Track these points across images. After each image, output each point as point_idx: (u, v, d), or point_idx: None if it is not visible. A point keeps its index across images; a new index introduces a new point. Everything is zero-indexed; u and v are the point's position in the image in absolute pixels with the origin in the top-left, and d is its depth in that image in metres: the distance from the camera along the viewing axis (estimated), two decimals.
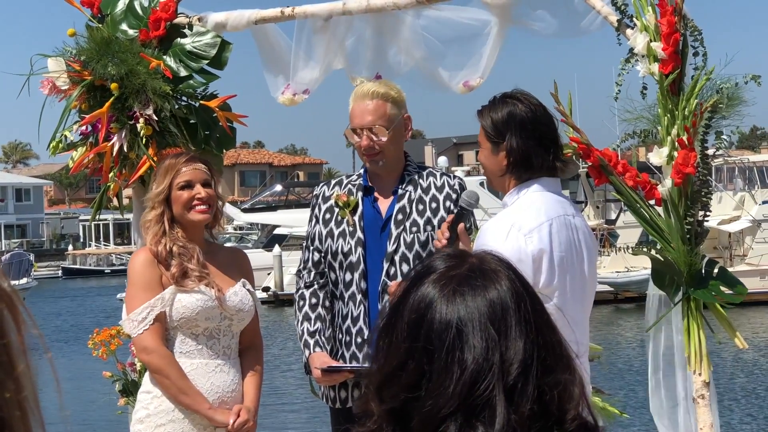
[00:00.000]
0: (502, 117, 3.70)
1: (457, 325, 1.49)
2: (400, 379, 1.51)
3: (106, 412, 13.84)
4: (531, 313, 1.53)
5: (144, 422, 4.14)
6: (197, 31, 4.93)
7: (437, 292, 1.54)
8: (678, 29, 4.16)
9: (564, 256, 3.64)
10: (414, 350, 1.51)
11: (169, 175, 4.19)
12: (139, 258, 4.18)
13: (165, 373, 4.09)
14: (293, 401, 17.02)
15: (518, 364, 1.47)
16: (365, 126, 4.32)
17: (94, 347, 5.07)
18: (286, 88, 5.12)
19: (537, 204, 3.66)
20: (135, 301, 4.13)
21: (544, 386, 1.49)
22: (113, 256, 66.02)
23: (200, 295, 4.13)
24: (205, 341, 4.18)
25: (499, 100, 3.77)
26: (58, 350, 25.85)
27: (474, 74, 4.96)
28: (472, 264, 1.59)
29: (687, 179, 4.15)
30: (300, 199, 44.33)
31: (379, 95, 4.35)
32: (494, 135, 3.71)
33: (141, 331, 4.09)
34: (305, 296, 4.45)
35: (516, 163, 3.69)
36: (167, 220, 4.17)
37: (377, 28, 4.95)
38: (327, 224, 4.45)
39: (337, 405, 4.41)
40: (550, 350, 1.53)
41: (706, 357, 4.25)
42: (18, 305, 1.10)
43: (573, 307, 3.65)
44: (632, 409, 14.18)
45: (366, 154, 4.37)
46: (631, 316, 28.62)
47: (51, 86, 4.82)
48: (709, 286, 4.21)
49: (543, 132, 3.72)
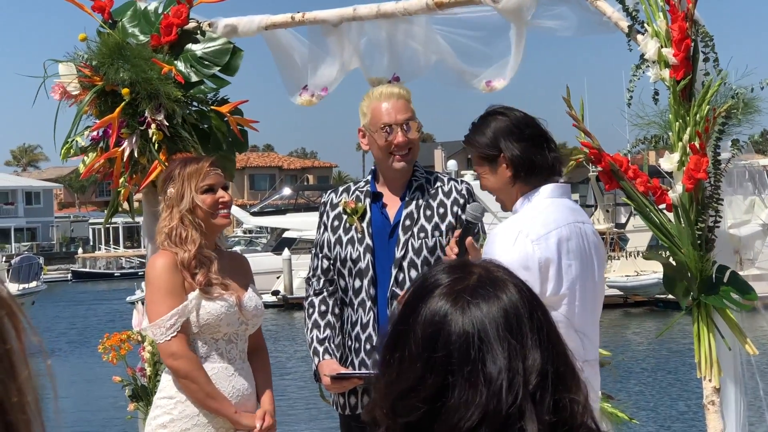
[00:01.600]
0: (489, 133, 3.73)
1: (477, 337, 1.49)
2: (418, 392, 1.50)
3: (115, 415, 13.87)
4: (543, 321, 1.54)
5: (168, 427, 4.14)
6: (209, 36, 4.94)
7: (450, 304, 1.53)
8: (689, 35, 4.16)
9: (573, 263, 3.62)
10: (433, 364, 1.50)
11: (194, 179, 4.17)
12: (160, 262, 4.15)
13: (193, 377, 4.10)
14: (302, 406, 17.02)
15: (536, 373, 1.47)
16: (400, 122, 4.32)
17: (104, 352, 5.07)
18: (303, 89, 5.13)
19: (547, 211, 3.66)
20: (160, 306, 4.10)
21: (558, 395, 1.49)
22: (123, 260, 66.18)
23: (223, 302, 4.15)
24: (224, 346, 4.20)
25: (480, 122, 3.81)
26: (69, 354, 25.90)
27: (498, 75, 4.96)
28: (480, 274, 1.59)
29: (698, 185, 4.14)
30: (309, 203, 44.35)
31: (403, 96, 4.41)
32: (488, 152, 3.73)
33: (169, 337, 4.08)
34: (315, 304, 4.46)
35: (519, 169, 3.69)
36: (193, 227, 4.16)
37: (391, 30, 4.95)
38: (335, 231, 4.46)
39: (347, 411, 4.42)
40: (561, 358, 1.53)
41: (716, 363, 4.24)
42: (18, 312, 1.12)
43: (582, 315, 3.64)
44: (641, 414, 14.16)
45: (399, 152, 4.35)
46: (641, 321, 28.57)
47: (62, 91, 4.83)
48: (720, 291, 4.20)
49: (532, 132, 3.74)
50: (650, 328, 26.42)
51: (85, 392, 18.50)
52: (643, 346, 23.28)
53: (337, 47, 5.00)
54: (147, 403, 4.80)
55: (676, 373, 19.01)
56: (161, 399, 4.22)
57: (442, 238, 4.34)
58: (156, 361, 4.90)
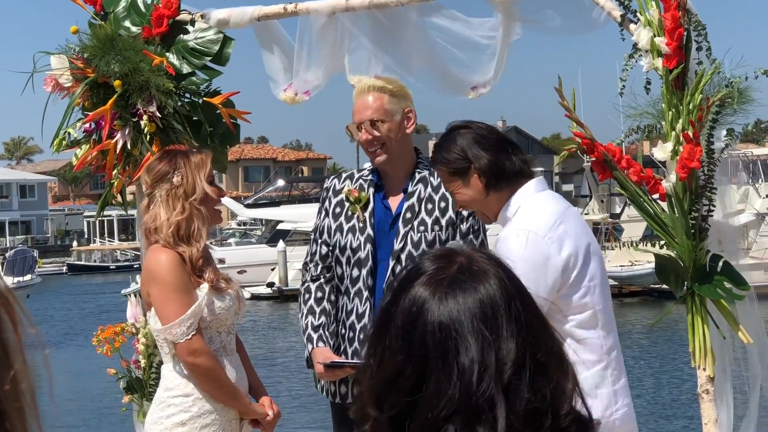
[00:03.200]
0: (456, 148, 3.79)
1: (451, 327, 1.50)
2: (398, 385, 1.51)
3: (109, 408, 13.87)
4: (521, 311, 1.54)
5: (187, 424, 4.10)
6: (199, 27, 4.92)
7: (428, 294, 1.55)
8: (682, 24, 4.15)
9: (580, 245, 3.70)
10: (410, 354, 1.51)
11: (203, 170, 4.11)
12: (166, 259, 4.05)
13: (216, 372, 4.09)
14: (295, 396, 17.04)
15: (511, 363, 1.48)
16: (363, 120, 4.34)
17: (99, 344, 5.06)
18: (288, 86, 5.12)
19: (543, 205, 3.73)
20: (173, 304, 4.03)
21: (537, 384, 1.49)
22: (118, 252, 66.14)
23: (228, 296, 4.16)
24: (225, 338, 4.21)
25: (443, 140, 3.87)
26: (63, 346, 25.90)
27: (485, 81, 4.95)
28: (461, 264, 1.59)
29: (692, 174, 4.14)
30: (304, 194, 44.34)
31: (376, 88, 4.38)
32: (457, 167, 3.78)
33: (190, 336, 4.03)
34: (311, 289, 4.46)
35: (490, 177, 3.75)
36: (202, 221, 4.09)
37: (381, 32, 4.93)
38: (337, 218, 4.45)
39: (337, 400, 4.43)
40: (542, 347, 1.53)
41: (710, 352, 4.24)
42: (14, 304, 1.13)
43: (602, 290, 3.75)
44: (636, 403, 14.21)
45: (367, 149, 4.38)
46: (636, 311, 28.62)
47: (54, 84, 4.82)
48: (713, 281, 4.21)
49: (494, 139, 3.82)
50: (645, 317, 26.47)
51: (79, 385, 18.49)
52: (638, 336, 23.33)
53: (325, 51, 4.98)
54: (141, 395, 4.79)
55: (670, 362, 19.06)
56: (175, 397, 4.15)
57: (442, 233, 4.34)
58: (150, 353, 4.89)
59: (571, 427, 1.53)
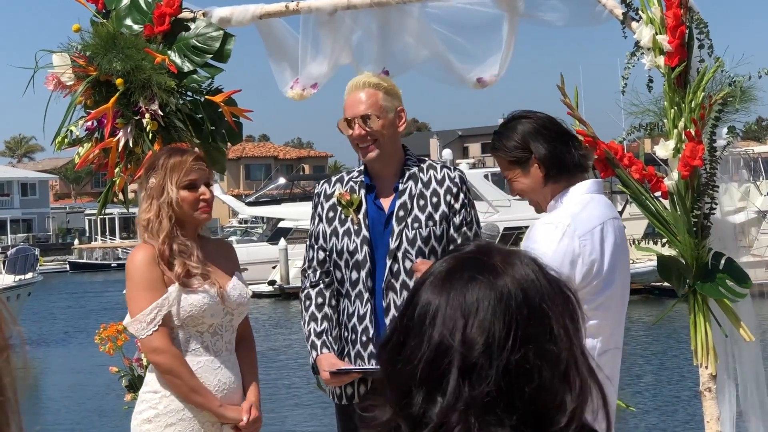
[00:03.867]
0: (517, 136, 3.80)
1: (434, 307, 1.57)
2: (389, 344, 1.62)
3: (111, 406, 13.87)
4: (516, 309, 1.55)
5: (153, 422, 4.11)
6: (200, 25, 4.92)
7: (435, 294, 1.60)
8: (684, 22, 4.15)
9: (613, 258, 3.68)
10: (400, 326, 1.62)
11: (176, 173, 4.14)
12: (139, 257, 4.12)
13: (176, 372, 4.07)
14: (298, 395, 17.04)
15: (481, 347, 1.52)
16: (357, 115, 4.32)
17: (101, 342, 5.07)
18: (294, 82, 5.12)
19: (590, 206, 3.73)
20: (139, 301, 4.08)
21: (520, 378, 1.51)
22: (119, 250, 66.10)
23: (204, 293, 4.11)
24: (210, 338, 4.17)
25: (503, 128, 3.89)
26: (65, 344, 25.91)
27: (489, 71, 4.96)
28: (476, 255, 1.64)
29: (694, 172, 4.14)
30: (305, 192, 44.31)
31: (370, 85, 4.36)
32: (518, 155, 3.80)
33: (150, 332, 4.05)
34: (311, 296, 4.44)
35: (550, 168, 3.77)
36: (168, 218, 4.12)
37: (383, 23, 4.94)
38: (331, 222, 4.43)
39: (344, 401, 4.41)
40: (539, 353, 1.54)
41: (712, 350, 4.25)
42: None
43: (620, 306, 3.77)
44: (639, 401, 14.19)
45: (359, 145, 4.36)
46: (637, 308, 28.60)
47: (56, 82, 4.82)
48: (716, 279, 4.21)
49: (557, 131, 3.83)
50: (646, 315, 26.45)
51: (81, 383, 18.50)
52: (639, 334, 23.31)
53: (328, 42, 4.99)
54: None
55: (672, 359, 19.06)
56: (146, 393, 4.19)
57: (436, 228, 4.32)
58: None
59: None
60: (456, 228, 4.35)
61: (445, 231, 4.35)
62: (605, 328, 3.67)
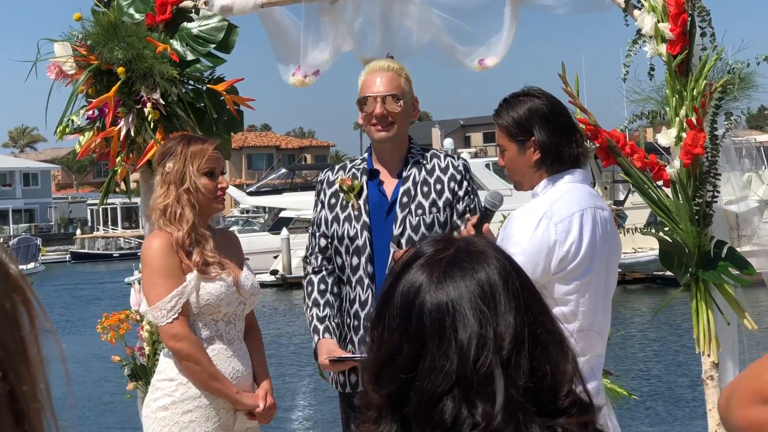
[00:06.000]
0: (523, 114, 3.73)
1: (450, 306, 1.52)
2: (395, 363, 1.54)
3: (114, 395, 13.92)
4: (519, 289, 1.56)
5: (169, 409, 4.12)
6: (204, 14, 4.92)
7: (426, 276, 1.57)
8: (686, 9, 4.14)
9: (592, 246, 3.64)
10: (408, 334, 1.54)
11: (197, 160, 4.12)
12: (156, 244, 4.10)
13: (196, 359, 4.07)
14: (300, 384, 17.07)
15: (510, 338, 1.49)
16: (380, 94, 4.33)
17: (103, 331, 5.08)
18: (296, 69, 5.12)
19: (570, 194, 3.67)
20: (158, 288, 4.07)
21: (536, 362, 1.51)
22: (121, 240, 66.15)
23: (222, 282, 4.13)
24: (224, 327, 4.18)
25: (516, 99, 3.79)
26: (67, 334, 25.94)
27: (491, 54, 4.96)
28: (459, 246, 1.62)
29: (696, 160, 4.14)
30: (306, 182, 44.28)
31: (394, 69, 4.39)
32: (519, 133, 3.74)
33: (170, 319, 4.05)
34: (314, 282, 4.46)
35: (546, 155, 3.71)
36: (190, 206, 4.11)
37: (384, 9, 4.94)
38: (332, 209, 4.45)
39: (347, 389, 4.42)
40: (541, 325, 1.55)
41: (714, 338, 4.25)
42: (32, 298, 1.11)
43: (595, 297, 3.68)
44: (640, 389, 14.21)
45: (379, 123, 4.36)
46: (639, 298, 28.62)
47: (58, 71, 4.82)
48: (718, 267, 4.21)
49: (564, 122, 3.76)
50: (648, 304, 26.49)
51: (83, 372, 18.53)
52: (641, 323, 23.34)
53: (330, 29, 4.99)
54: (146, 382, 4.80)
55: (674, 348, 19.08)
56: (162, 381, 4.19)
57: (440, 215, 4.34)
58: (155, 340, 4.90)
59: (571, 408, 1.54)
60: (459, 215, 4.37)
61: (449, 217, 4.36)
62: (581, 314, 3.63)
